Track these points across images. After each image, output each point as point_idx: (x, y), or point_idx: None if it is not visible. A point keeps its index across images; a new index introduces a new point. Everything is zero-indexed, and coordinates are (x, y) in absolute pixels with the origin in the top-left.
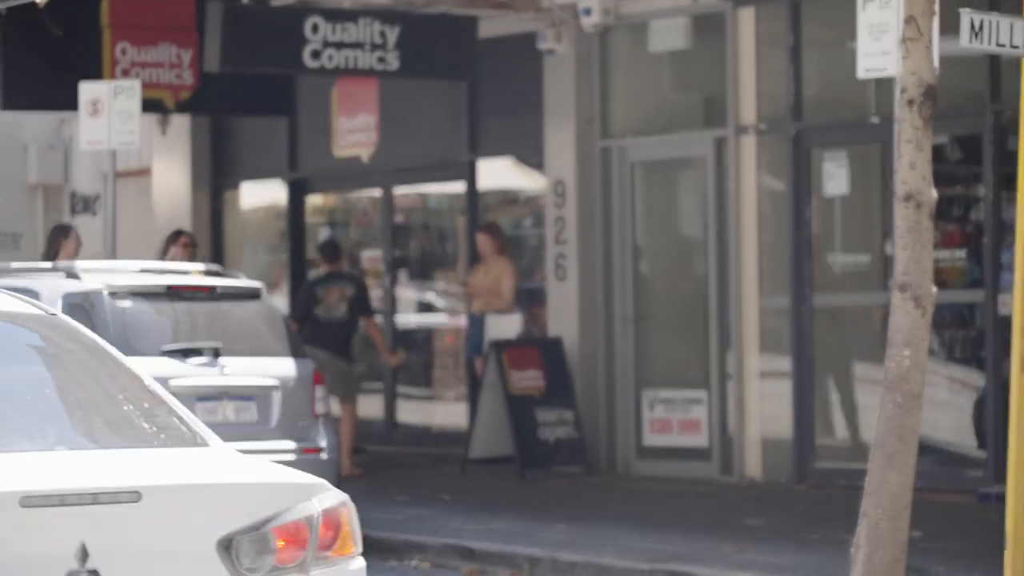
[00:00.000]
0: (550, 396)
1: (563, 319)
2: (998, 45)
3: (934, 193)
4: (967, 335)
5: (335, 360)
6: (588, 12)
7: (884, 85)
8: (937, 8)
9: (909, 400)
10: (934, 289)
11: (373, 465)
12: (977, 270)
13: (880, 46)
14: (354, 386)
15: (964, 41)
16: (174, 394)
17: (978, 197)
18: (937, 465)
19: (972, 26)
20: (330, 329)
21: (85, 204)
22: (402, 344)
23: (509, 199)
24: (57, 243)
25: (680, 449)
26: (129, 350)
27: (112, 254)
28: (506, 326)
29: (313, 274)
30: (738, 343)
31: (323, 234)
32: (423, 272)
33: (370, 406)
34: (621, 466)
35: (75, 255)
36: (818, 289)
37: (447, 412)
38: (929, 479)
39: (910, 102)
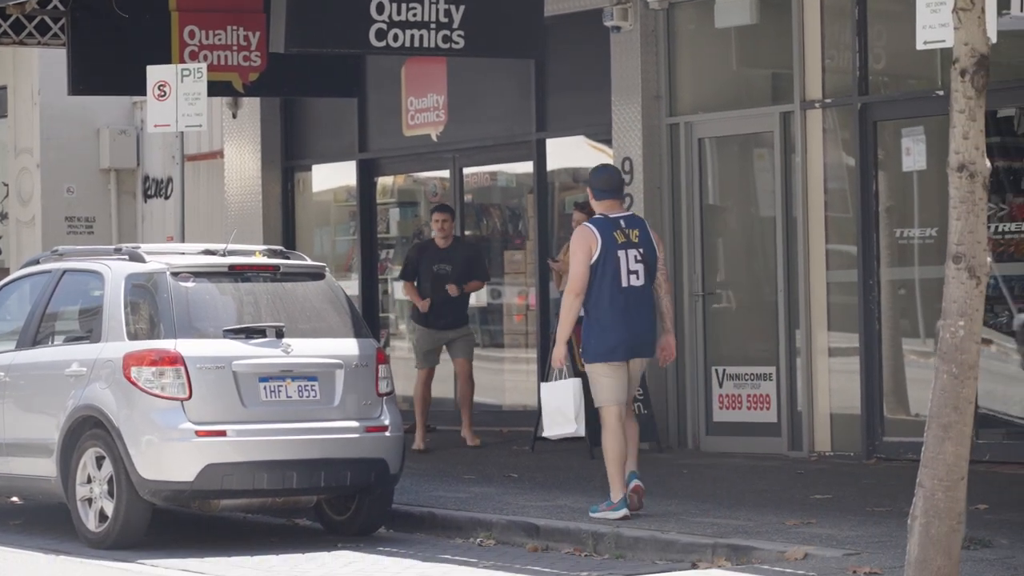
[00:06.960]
0: None
1: None
2: None
3: (988, 163)
4: None
5: None
6: None
7: (949, 57)
8: None
9: (964, 371)
10: (989, 259)
11: (444, 443)
12: None
13: (938, 18)
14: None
15: (1016, 9)
16: (236, 373)
17: None
18: (1007, 438)
19: None
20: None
21: (157, 188)
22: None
23: (578, 177)
24: None
25: (750, 424)
26: (192, 330)
27: (181, 237)
28: None
29: None
30: (806, 318)
31: (393, 215)
32: (493, 251)
33: (443, 386)
34: (691, 442)
35: None
36: (886, 263)
37: (518, 391)
38: (999, 452)
39: (963, 72)
